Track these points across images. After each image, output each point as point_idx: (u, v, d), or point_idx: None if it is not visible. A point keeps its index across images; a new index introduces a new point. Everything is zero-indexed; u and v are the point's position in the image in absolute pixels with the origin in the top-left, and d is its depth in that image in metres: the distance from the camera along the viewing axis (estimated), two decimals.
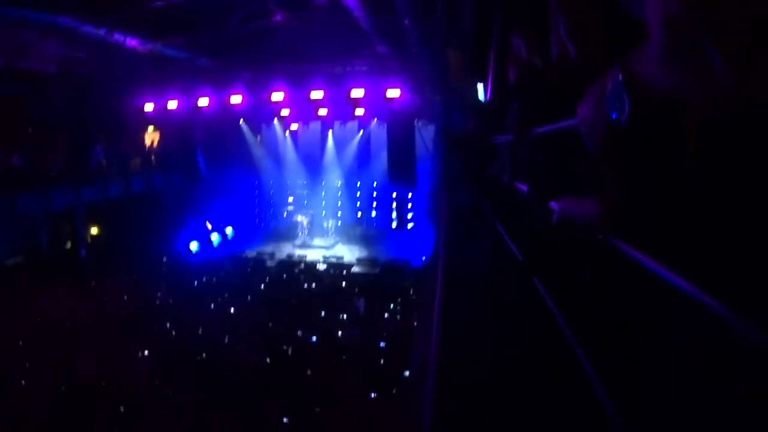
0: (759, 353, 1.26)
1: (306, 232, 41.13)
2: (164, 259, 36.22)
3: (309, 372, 18.29)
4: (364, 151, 42.53)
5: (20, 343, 21.27)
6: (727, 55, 1.01)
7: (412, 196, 39.54)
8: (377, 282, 30.54)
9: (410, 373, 14.63)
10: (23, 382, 17.94)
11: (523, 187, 4.57)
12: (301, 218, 41.65)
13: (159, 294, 28.88)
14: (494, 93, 7.83)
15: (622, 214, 2.14)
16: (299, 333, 21.80)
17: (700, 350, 1.81)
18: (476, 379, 3.90)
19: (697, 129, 1.54)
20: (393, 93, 29.34)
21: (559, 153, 3.49)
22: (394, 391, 16.12)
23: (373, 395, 16.40)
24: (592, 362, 2.48)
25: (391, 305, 25.56)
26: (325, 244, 40.29)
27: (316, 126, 42.75)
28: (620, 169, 1.97)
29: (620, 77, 1.57)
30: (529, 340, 3.99)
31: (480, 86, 10.20)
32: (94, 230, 37.05)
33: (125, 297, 28.53)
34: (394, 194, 40.56)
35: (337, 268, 34.72)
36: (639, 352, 2.21)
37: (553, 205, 3.30)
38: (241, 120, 41.83)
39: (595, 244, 2.50)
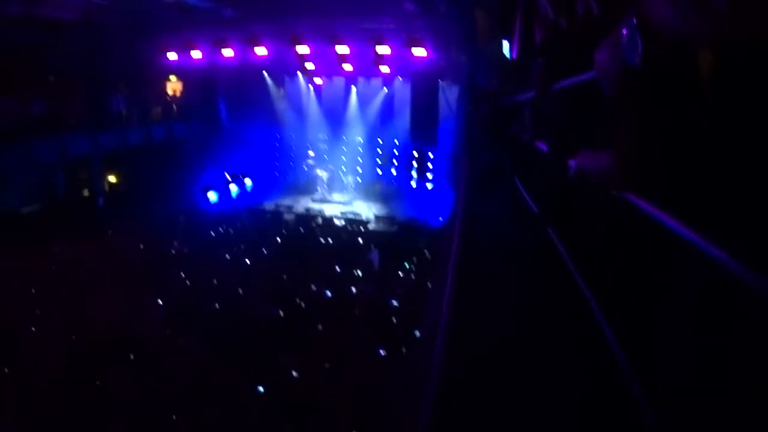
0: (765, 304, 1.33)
1: (325, 186, 41.06)
2: (182, 209, 36.08)
3: (320, 327, 18.38)
4: (387, 109, 42.19)
5: (33, 290, 21.36)
6: None
7: (433, 156, 39.38)
8: (394, 240, 30.53)
9: (421, 333, 14.69)
10: (35, 328, 18.04)
11: (543, 144, 4.62)
12: (321, 173, 41.54)
13: (175, 243, 28.98)
14: (520, 52, 7.84)
15: (635, 162, 2.20)
16: (313, 287, 21.84)
17: (706, 302, 1.88)
18: (487, 339, 3.95)
19: (708, 73, 1.61)
20: (419, 52, 29.18)
21: (577, 108, 3.54)
22: (404, 351, 16.16)
23: (382, 353, 16.44)
24: (605, 313, 2.55)
25: (407, 264, 25.57)
26: (343, 199, 40.21)
27: (339, 81, 42.46)
28: (634, 112, 2.03)
29: (634, 21, 1.64)
30: (542, 294, 4.04)
31: (506, 44, 10.19)
32: (112, 178, 37.03)
33: (141, 246, 28.66)
34: (416, 153, 40.40)
35: (354, 224, 34.74)
36: (648, 304, 2.28)
37: (571, 161, 3.36)
38: (265, 72, 41.72)
39: (608, 198, 2.55)
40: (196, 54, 32.68)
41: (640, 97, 1.96)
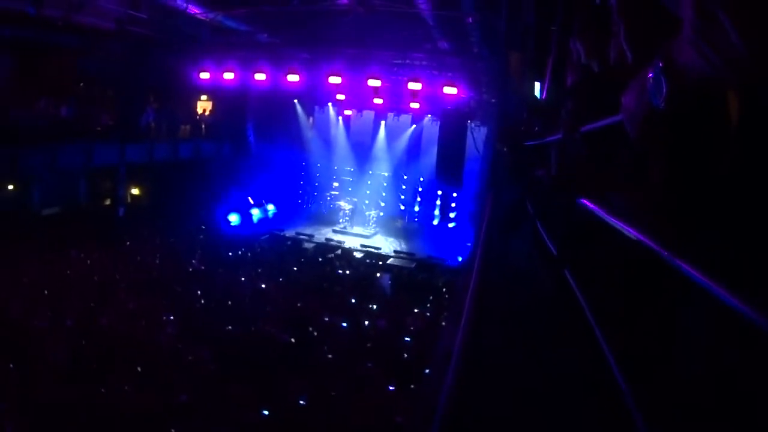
0: None
1: (347, 218, 41.13)
2: (202, 228, 36.42)
3: (331, 356, 18.36)
4: (415, 146, 42.45)
5: (46, 292, 21.42)
6: (740, 25, 1.10)
7: (457, 196, 39.45)
8: (411, 276, 30.54)
9: (430, 368, 14.64)
10: (45, 330, 18.06)
11: (564, 185, 4.64)
12: (344, 204, 41.62)
13: (193, 261, 29.03)
14: (550, 94, 7.88)
15: (661, 205, 2.22)
16: (327, 317, 21.83)
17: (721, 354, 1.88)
18: (497, 374, 3.96)
19: (736, 117, 1.62)
20: (450, 90, 29.26)
21: (602, 151, 3.56)
22: (412, 386, 16.10)
23: (391, 387, 16.39)
24: (618, 361, 2.55)
25: (423, 301, 25.52)
26: (364, 232, 40.16)
27: (369, 115, 42.72)
28: (659, 155, 2.05)
29: (660, 65, 1.66)
30: (556, 333, 4.04)
31: (537, 86, 10.24)
32: (135, 190, 37.27)
33: (158, 259, 28.78)
34: (439, 192, 40.48)
35: (373, 257, 34.70)
36: (660, 352, 2.29)
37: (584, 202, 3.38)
38: (296, 100, 41.98)
39: (626, 244, 2.56)
40: (228, 75, 32.91)
41: (665, 140, 1.98)
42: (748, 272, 1.61)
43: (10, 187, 30.56)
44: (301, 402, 15.31)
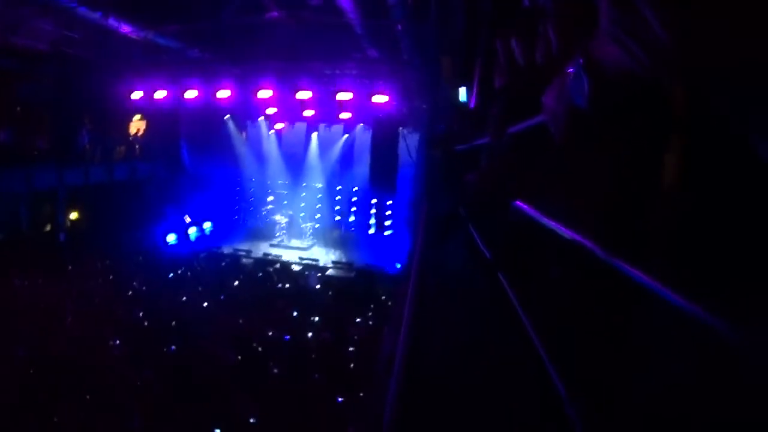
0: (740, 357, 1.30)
1: (284, 232, 41.14)
2: (141, 249, 36.04)
3: (277, 371, 18.27)
4: (348, 155, 42.60)
5: None
6: (662, 14, 1.07)
7: (392, 203, 39.62)
8: (351, 286, 30.57)
9: (374, 374, 14.67)
10: None
11: (493, 189, 4.64)
12: (280, 218, 41.61)
13: (134, 283, 28.71)
14: (479, 98, 7.90)
15: (595, 206, 2.20)
16: (270, 332, 21.74)
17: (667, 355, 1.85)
18: (439, 377, 3.95)
19: (682, 110, 1.59)
20: (380, 98, 29.38)
21: (530, 152, 3.56)
22: (361, 395, 16.13)
23: (339, 398, 16.40)
24: (553, 359, 2.54)
25: (364, 310, 25.56)
26: (302, 245, 40.15)
27: (301, 127, 42.79)
28: (581, 155, 2.03)
29: (581, 61, 1.62)
30: (493, 336, 4.04)
31: (463, 90, 10.28)
32: (73, 214, 36.80)
33: (100, 283, 28.39)
34: (374, 200, 40.62)
35: (311, 269, 34.65)
36: (597, 350, 2.26)
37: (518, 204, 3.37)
38: (227, 115, 41.82)
39: (561, 245, 2.54)
40: (160, 94, 32.71)
41: (588, 139, 1.95)
42: (685, 268, 1.59)
43: None
44: (252, 420, 15.26)
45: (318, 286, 29.45)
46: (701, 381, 1.58)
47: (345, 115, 35.03)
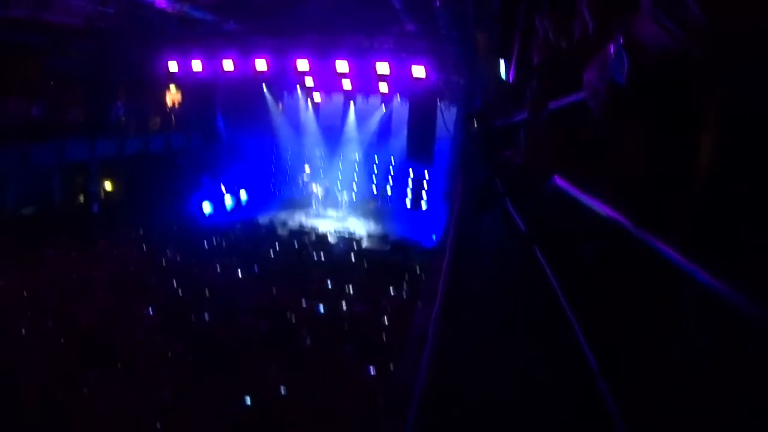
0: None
1: (320, 202, 41.18)
2: (176, 219, 36.26)
3: (308, 341, 18.37)
4: (385, 127, 42.40)
5: (24, 292, 21.32)
6: None
7: (429, 176, 39.43)
8: (386, 258, 30.58)
9: (406, 349, 14.64)
10: (23, 330, 17.98)
11: (533, 165, 4.64)
12: (316, 189, 41.64)
13: (168, 253, 28.91)
14: (517, 74, 7.87)
15: (631, 183, 2.21)
16: (303, 302, 21.84)
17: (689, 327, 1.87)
18: (471, 351, 3.96)
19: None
20: (418, 71, 29.20)
21: (569, 129, 3.55)
22: (391, 368, 16.10)
23: (370, 370, 16.38)
24: (586, 333, 2.55)
25: (398, 283, 25.51)
26: (337, 216, 40.19)
27: (338, 98, 42.60)
28: (625, 132, 2.04)
29: (621, 40, 1.64)
30: (526, 310, 4.05)
31: (502, 65, 10.22)
32: (107, 185, 36.93)
33: (133, 254, 28.70)
34: (411, 173, 40.44)
35: (347, 241, 34.68)
36: (629, 326, 2.28)
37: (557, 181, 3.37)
38: (264, 86, 41.81)
39: (597, 221, 2.55)
40: (196, 65, 32.70)
41: (627, 116, 1.96)
42: (719, 248, 1.60)
43: None
44: (282, 391, 15.30)
45: (353, 258, 29.41)
46: (729, 357, 1.60)
47: (383, 87, 34.80)
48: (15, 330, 17.94)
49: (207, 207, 38.69)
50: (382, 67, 29.70)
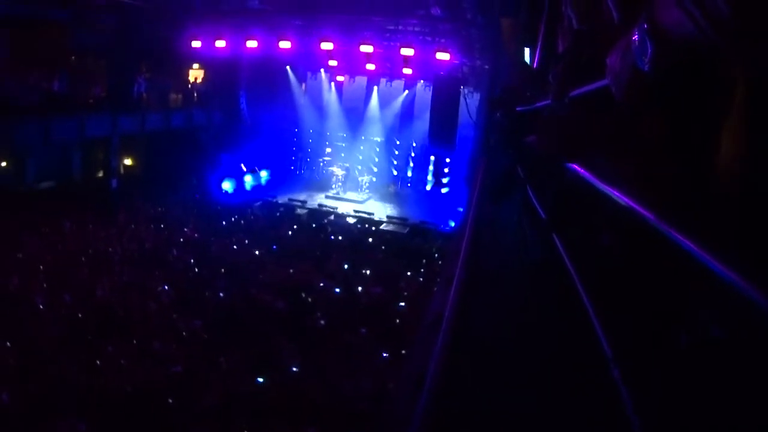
0: None
1: (340, 184, 41.16)
2: (195, 196, 36.44)
3: (324, 322, 18.43)
4: (408, 111, 42.35)
5: (41, 266, 21.45)
6: None
7: (450, 161, 39.41)
8: (404, 241, 30.61)
9: (421, 333, 14.64)
10: (41, 303, 18.08)
11: (552, 151, 4.62)
12: (337, 170, 41.65)
13: (186, 229, 29.03)
14: (541, 61, 7.84)
15: (651, 171, 2.20)
16: (320, 283, 21.90)
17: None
18: (486, 336, 3.96)
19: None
20: (443, 56, 29.12)
21: (591, 116, 3.54)
22: (404, 352, 16.09)
23: (383, 353, 16.39)
24: (602, 322, 2.54)
25: (415, 266, 25.52)
26: (357, 198, 40.17)
27: (362, 80, 42.62)
28: (647, 118, 2.03)
29: (645, 26, 1.62)
30: (544, 297, 4.04)
31: (527, 51, 10.20)
32: (128, 161, 37.16)
33: (152, 229, 28.84)
34: (432, 157, 40.41)
35: (366, 223, 34.76)
36: (645, 317, 2.27)
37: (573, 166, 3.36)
38: (288, 66, 41.75)
39: (616, 209, 2.54)
40: (220, 43, 32.67)
41: (649, 102, 1.95)
42: (740, 241, 1.59)
43: (4, 163, 30.67)
44: (294, 369, 15.34)
45: (371, 240, 29.45)
46: (745, 350, 1.59)
47: (407, 71, 34.72)
48: (34, 300, 18.06)
49: (227, 185, 38.71)
50: (407, 51, 29.62)
